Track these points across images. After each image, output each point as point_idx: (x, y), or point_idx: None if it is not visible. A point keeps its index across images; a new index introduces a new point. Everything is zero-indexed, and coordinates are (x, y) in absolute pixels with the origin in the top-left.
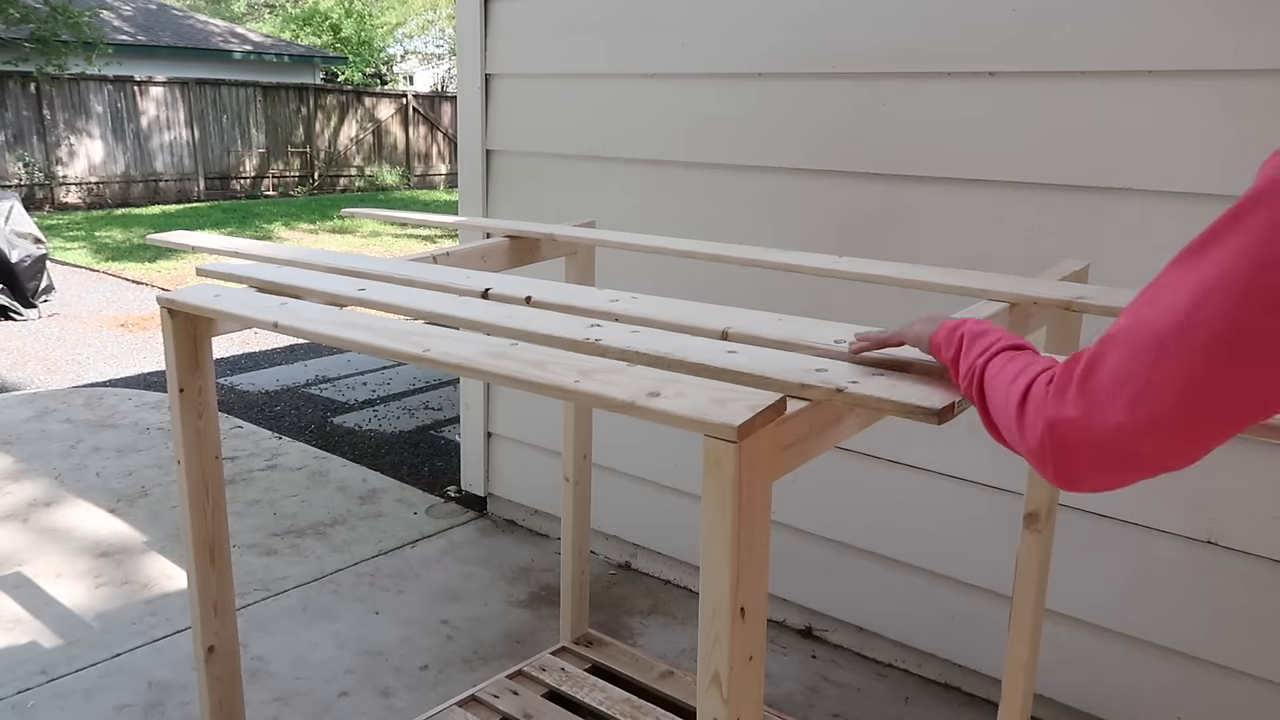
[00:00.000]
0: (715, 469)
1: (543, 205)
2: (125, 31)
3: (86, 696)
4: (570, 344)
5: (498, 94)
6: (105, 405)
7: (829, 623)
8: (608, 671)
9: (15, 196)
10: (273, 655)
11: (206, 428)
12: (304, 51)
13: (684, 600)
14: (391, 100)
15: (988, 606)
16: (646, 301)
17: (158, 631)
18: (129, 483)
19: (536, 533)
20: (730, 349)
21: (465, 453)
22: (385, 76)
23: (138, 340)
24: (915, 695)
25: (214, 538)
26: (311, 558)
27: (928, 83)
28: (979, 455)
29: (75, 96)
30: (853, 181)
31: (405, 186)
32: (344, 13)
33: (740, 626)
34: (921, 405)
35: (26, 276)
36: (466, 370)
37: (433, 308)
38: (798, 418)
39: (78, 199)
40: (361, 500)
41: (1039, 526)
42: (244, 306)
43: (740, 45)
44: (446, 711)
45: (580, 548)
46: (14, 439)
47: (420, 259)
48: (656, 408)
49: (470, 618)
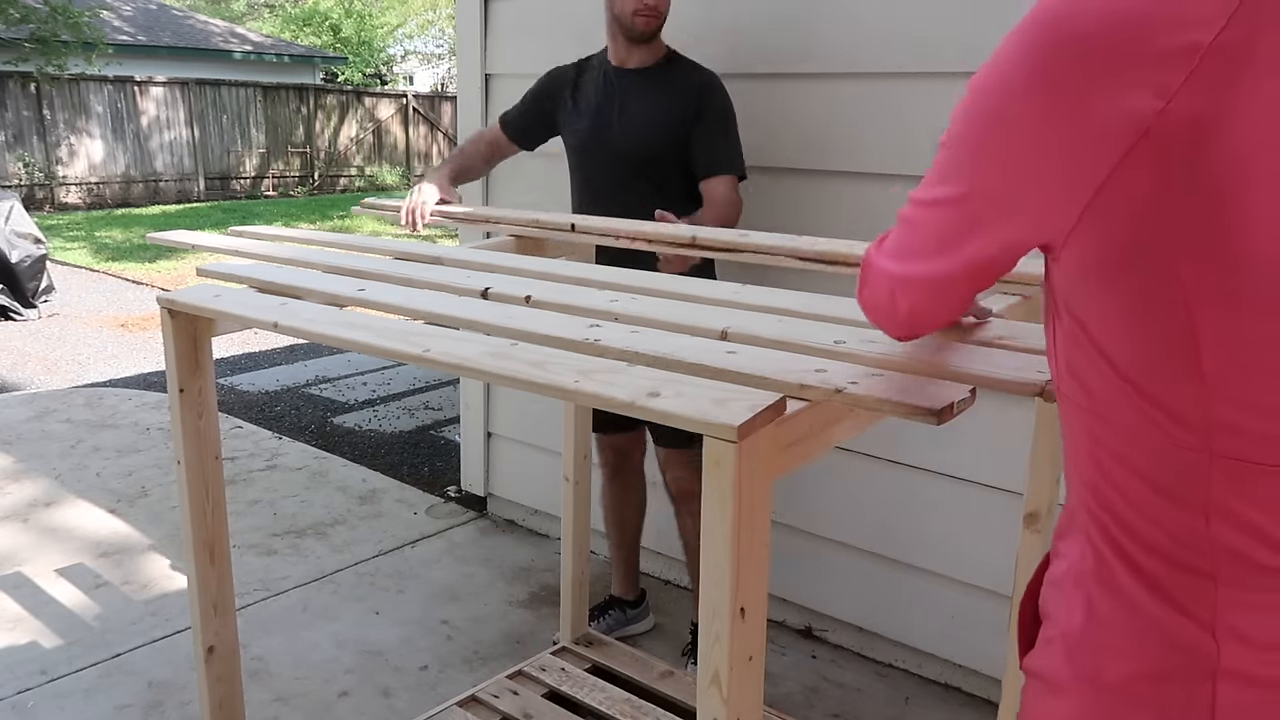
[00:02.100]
0: (715, 469)
1: (542, 205)
2: (125, 31)
3: (86, 696)
4: (570, 344)
5: (498, 94)
6: (105, 405)
7: (829, 623)
8: (608, 671)
9: (15, 196)
10: (273, 655)
11: (206, 428)
12: (304, 51)
13: (684, 600)
14: (391, 100)
15: (988, 606)
16: (646, 301)
17: (158, 631)
18: (129, 483)
19: (536, 533)
20: (730, 349)
21: (465, 453)
22: (385, 76)
23: (138, 340)
24: (915, 695)
25: (214, 538)
26: (311, 558)
27: (928, 83)
28: (979, 455)
29: (75, 96)
30: (852, 181)
31: (405, 186)
32: (344, 13)
33: (740, 626)
34: (921, 405)
35: (26, 277)
36: (466, 370)
37: (432, 308)
38: (798, 418)
39: (78, 199)
40: (361, 500)
41: (1039, 526)
42: (244, 306)
43: (740, 45)
44: (446, 711)
45: (580, 548)
46: (14, 439)
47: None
48: (656, 408)
49: (470, 618)
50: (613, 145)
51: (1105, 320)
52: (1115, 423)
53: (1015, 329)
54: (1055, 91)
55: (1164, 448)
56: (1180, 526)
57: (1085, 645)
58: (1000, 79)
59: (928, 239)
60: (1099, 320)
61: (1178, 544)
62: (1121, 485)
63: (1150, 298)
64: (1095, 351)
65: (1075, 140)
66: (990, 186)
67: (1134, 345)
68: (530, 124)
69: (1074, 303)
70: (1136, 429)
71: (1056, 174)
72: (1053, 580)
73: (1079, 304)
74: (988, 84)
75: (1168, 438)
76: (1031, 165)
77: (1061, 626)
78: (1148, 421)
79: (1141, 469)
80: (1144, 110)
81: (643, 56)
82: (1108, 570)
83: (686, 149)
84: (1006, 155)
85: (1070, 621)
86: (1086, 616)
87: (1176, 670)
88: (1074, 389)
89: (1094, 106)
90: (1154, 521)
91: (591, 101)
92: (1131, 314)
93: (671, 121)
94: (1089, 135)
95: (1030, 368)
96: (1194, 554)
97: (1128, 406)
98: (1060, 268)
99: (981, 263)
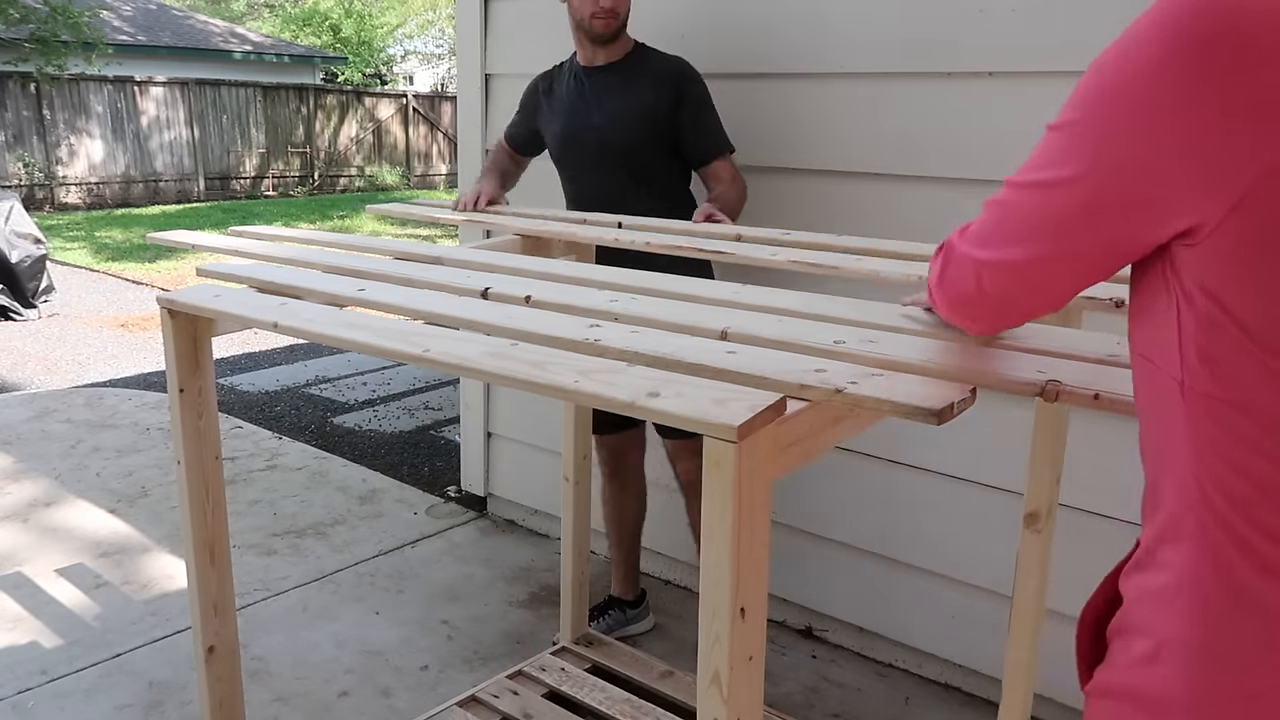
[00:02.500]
0: (715, 469)
1: (542, 205)
2: (125, 31)
3: (86, 696)
4: (570, 344)
5: (498, 94)
6: (105, 405)
7: (829, 623)
8: (608, 671)
9: (15, 196)
10: (273, 655)
11: (206, 428)
12: (304, 51)
13: (684, 600)
14: (391, 100)
15: (988, 606)
16: (646, 301)
17: (158, 631)
18: (129, 483)
19: (536, 533)
20: (730, 349)
21: (465, 453)
22: (385, 76)
23: (138, 340)
24: (915, 695)
25: (214, 538)
26: (311, 558)
27: (928, 83)
28: (979, 455)
29: (75, 96)
30: (853, 181)
31: (405, 186)
32: (344, 13)
33: (740, 626)
34: (921, 405)
35: (26, 277)
36: (466, 370)
37: (432, 308)
38: (798, 418)
39: (78, 199)
40: (361, 500)
41: (1039, 526)
42: (244, 306)
43: (740, 45)
44: (446, 711)
45: (580, 548)
46: (14, 439)
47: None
48: (656, 408)
49: (470, 618)
50: (591, 140)
51: (1257, 300)
52: (1259, 411)
53: (1015, 329)
54: (1210, 81)
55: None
56: None
57: (1204, 660)
58: (1143, 65)
59: (1022, 220)
60: (1249, 300)
61: None
62: (1263, 480)
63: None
64: (1240, 333)
65: (1226, 130)
66: (1116, 172)
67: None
68: (523, 135)
69: (1218, 286)
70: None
71: (1200, 166)
72: (1150, 592)
73: (1225, 286)
74: (1124, 68)
75: None
76: (1173, 157)
77: (1170, 640)
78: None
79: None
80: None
81: (610, 53)
82: (1234, 577)
83: (668, 137)
84: (1145, 145)
85: (1183, 635)
86: (1204, 629)
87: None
88: (1206, 380)
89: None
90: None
91: (565, 103)
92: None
93: (646, 110)
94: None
95: (1030, 368)
96: None
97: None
98: (1197, 252)
99: (1085, 251)
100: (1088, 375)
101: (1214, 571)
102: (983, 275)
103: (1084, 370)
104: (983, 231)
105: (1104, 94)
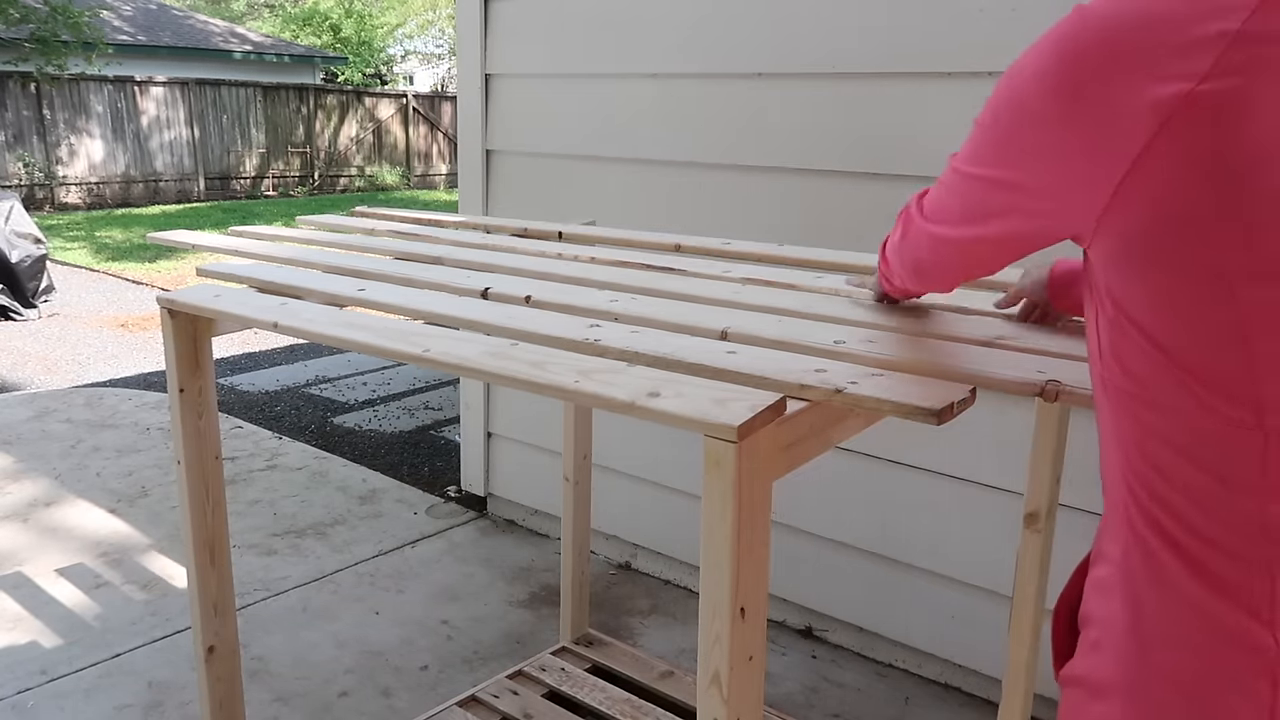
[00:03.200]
0: (715, 469)
1: (542, 205)
2: (125, 31)
3: (86, 696)
4: (570, 344)
5: (498, 94)
6: (105, 405)
7: (829, 623)
8: (608, 671)
9: (15, 196)
10: (273, 655)
11: (206, 428)
12: (304, 51)
13: (684, 600)
14: (391, 100)
15: (988, 606)
16: (646, 302)
17: (158, 631)
18: (129, 483)
19: (536, 533)
20: (730, 349)
21: (465, 453)
22: (385, 76)
23: (138, 340)
24: (915, 695)
25: (214, 538)
26: (311, 558)
27: (929, 83)
28: (979, 455)
29: (75, 96)
30: (853, 181)
31: (405, 186)
32: (344, 13)
33: (740, 626)
34: (921, 405)
35: (26, 276)
36: (466, 370)
37: (432, 308)
38: (798, 418)
39: (78, 199)
40: (361, 500)
41: (1039, 526)
42: (244, 306)
43: (740, 45)
44: (446, 711)
45: (580, 548)
46: (14, 439)
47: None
48: (656, 408)
49: (470, 618)
50: None
51: (1146, 302)
52: (1164, 407)
53: (1015, 329)
54: (1079, 99)
55: (1216, 429)
56: (1235, 513)
57: (1134, 645)
58: (1030, 78)
59: (960, 203)
60: (1140, 302)
61: (1232, 533)
62: (1172, 473)
63: (1188, 277)
64: (1138, 334)
65: (1098, 141)
66: (1014, 179)
67: (1177, 325)
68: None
69: (1113, 288)
70: (1187, 411)
71: (1078, 174)
72: (1095, 584)
73: (1118, 289)
74: (1019, 81)
75: (1219, 418)
76: (1054, 166)
77: (1107, 628)
78: (1198, 403)
79: (1194, 454)
80: (1168, 97)
81: None
82: (1157, 565)
83: None
84: (1033, 154)
85: (1117, 622)
86: (1134, 616)
87: (1232, 669)
88: (1119, 376)
89: (1118, 105)
90: (1208, 510)
91: None
92: (1171, 293)
93: None
94: (1112, 134)
95: (1030, 368)
96: (1250, 544)
97: (1177, 388)
98: (1095, 255)
99: (1006, 237)
100: (1088, 375)
101: (1143, 562)
102: (934, 246)
103: (1084, 370)
104: (932, 207)
105: (1006, 102)
